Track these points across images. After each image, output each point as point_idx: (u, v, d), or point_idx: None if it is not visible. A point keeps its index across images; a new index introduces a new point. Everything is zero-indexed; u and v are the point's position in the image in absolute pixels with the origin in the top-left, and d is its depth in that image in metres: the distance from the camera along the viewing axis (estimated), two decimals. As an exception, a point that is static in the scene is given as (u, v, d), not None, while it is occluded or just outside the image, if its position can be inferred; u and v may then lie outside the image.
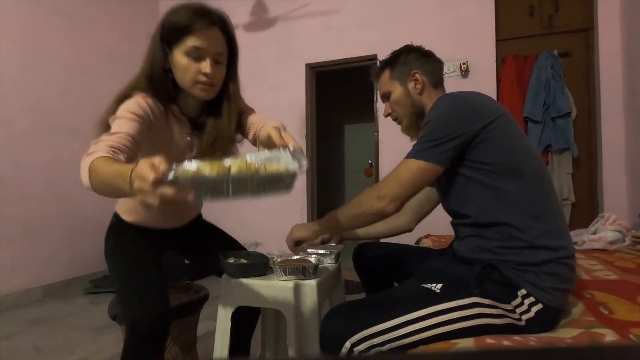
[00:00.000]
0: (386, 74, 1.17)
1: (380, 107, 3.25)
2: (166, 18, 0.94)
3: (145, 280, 1.07)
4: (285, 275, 1.08)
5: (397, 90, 1.14)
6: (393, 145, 3.16)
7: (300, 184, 3.47)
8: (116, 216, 1.21)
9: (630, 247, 1.63)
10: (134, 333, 1.01)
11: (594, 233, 1.77)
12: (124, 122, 0.87)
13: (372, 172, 4.49)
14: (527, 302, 0.85)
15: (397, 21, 3.19)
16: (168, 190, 0.60)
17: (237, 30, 3.49)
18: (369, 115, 3.85)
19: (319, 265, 1.15)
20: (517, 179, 0.90)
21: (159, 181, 0.60)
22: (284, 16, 3.55)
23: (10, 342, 1.99)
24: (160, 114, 0.97)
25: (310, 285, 1.08)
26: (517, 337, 0.82)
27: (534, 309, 0.84)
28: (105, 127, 0.93)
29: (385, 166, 3.21)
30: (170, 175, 0.62)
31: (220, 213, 2.38)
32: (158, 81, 0.95)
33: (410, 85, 1.12)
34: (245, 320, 1.37)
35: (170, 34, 0.92)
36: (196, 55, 0.93)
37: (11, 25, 2.66)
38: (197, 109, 1.05)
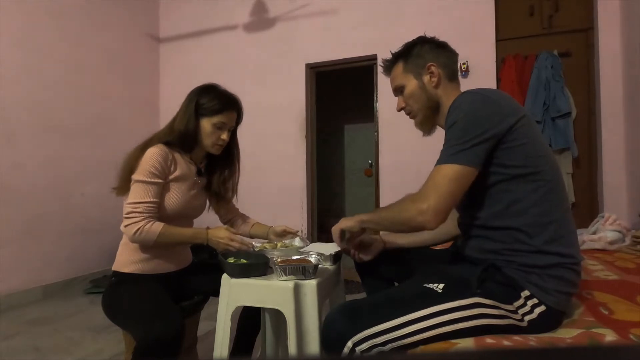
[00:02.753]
0: (399, 67, 1.12)
1: (381, 107, 3.25)
2: (204, 96, 1.30)
3: (158, 301, 1.15)
4: (285, 275, 1.08)
5: (411, 84, 1.10)
6: (393, 145, 3.16)
7: (300, 183, 3.47)
8: (115, 275, 1.29)
9: (630, 247, 1.63)
10: (151, 351, 1.02)
11: (594, 233, 1.77)
12: (147, 189, 1.20)
13: (372, 172, 4.50)
14: (530, 303, 0.84)
15: (397, 21, 3.19)
16: (236, 244, 1.22)
17: (237, 30, 3.53)
18: (369, 115, 3.85)
19: (319, 265, 1.15)
20: (532, 183, 0.88)
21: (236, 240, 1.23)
22: (284, 16, 3.55)
23: (10, 342, 1.99)
24: (178, 161, 1.30)
25: (310, 285, 1.08)
26: (517, 337, 0.82)
27: (537, 311, 0.84)
28: (128, 172, 1.23)
29: (385, 166, 3.21)
30: (257, 247, 1.31)
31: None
32: (188, 138, 1.29)
33: (426, 78, 1.08)
34: (250, 320, 1.38)
35: (205, 110, 1.29)
36: (219, 126, 1.31)
37: (11, 25, 2.66)
38: (202, 158, 1.42)
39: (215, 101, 1.29)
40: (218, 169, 1.44)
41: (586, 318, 0.90)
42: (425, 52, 1.09)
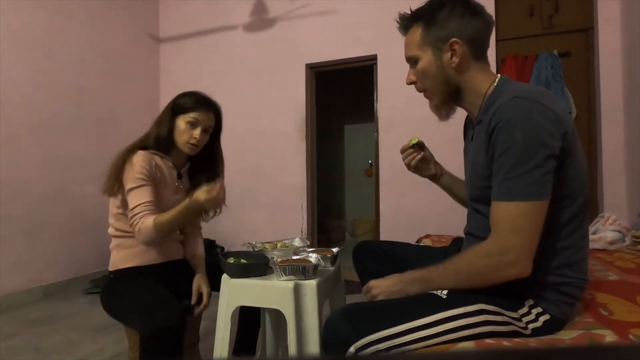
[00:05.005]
0: (417, 33, 0.92)
1: (381, 107, 3.25)
2: (181, 98, 1.34)
3: (157, 293, 1.17)
4: (285, 275, 1.08)
5: (427, 59, 0.92)
6: (393, 145, 3.16)
7: (300, 183, 3.47)
8: (112, 273, 1.32)
9: (630, 247, 1.63)
10: (155, 341, 1.04)
11: (594, 233, 1.77)
12: (141, 192, 1.23)
13: (372, 172, 4.50)
14: (534, 311, 0.84)
15: (397, 21, 3.18)
16: (221, 194, 1.19)
17: (237, 30, 3.55)
18: (369, 115, 3.85)
19: (319, 266, 1.15)
20: (559, 207, 0.80)
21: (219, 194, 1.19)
22: (284, 16, 3.55)
23: (10, 342, 1.99)
24: (160, 166, 1.33)
25: (310, 285, 1.08)
26: (517, 339, 0.82)
27: (542, 319, 0.83)
28: (115, 174, 1.28)
29: (385, 166, 3.21)
30: (257, 247, 1.33)
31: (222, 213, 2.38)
32: (163, 138, 1.32)
33: (446, 57, 0.90)
34: (250, 320, 1.39)
35: (180, 108, 1.32)
36: (193, 123, 1.32)
37: (11, 25, 2.66)
38: (182, 162, 1.43)
39: (191, 100, 1.33)
40: (203, 179, 1.39)
41: (586, 319, 0.89)
42: (453, 21, 0.88)
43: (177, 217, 1.21)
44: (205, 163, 1.45)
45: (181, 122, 1.32)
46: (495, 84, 0.90)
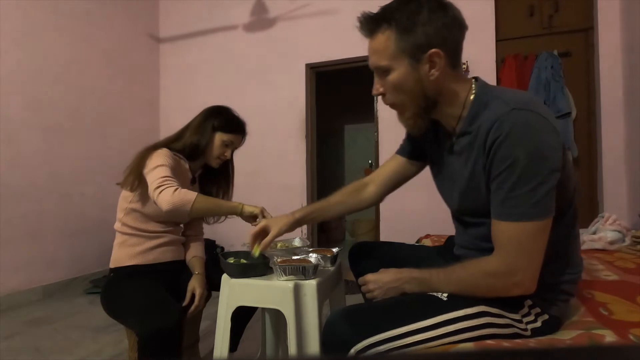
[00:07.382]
0: (389, 40, 0.79)
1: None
2: (222, 114, 1.43)
3: (156, 294, 1.18)
4: (285, 275, 1.08)
5: (402, 70, 0.80)
6: (393, 145, 3.16)
7: (300, 183, 3.47)
8: (112, 271, 1.34)
9: (630, 247, 1.63)
10: (153, 343, 1.04)
11: (594, 233, 1.77)
12: (169, 170, 1.26)
13: (372, 172, 4.51)
14: (534, 312, 0.83)
15: (397, 21, 3.18)
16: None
17: (237, 30, 3.53)
18: (369, 115, 3.85)
19: (319, 266, 1.15)
20: (558, 215, 0.78)
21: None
22: (284, 16, 3.55)
23: (10, 342, 1.99)
24: (180, 167, 1.37)
25: (310, 285, 1.07)
26: (517, 340, 0.81)
27: (541, 319, 0.83)
28: (136, 168, 1.29)
29: (385, 166, 3.20)
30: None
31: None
32: (199, 149, 1.39)
33: (424, 69, 0.79)
34: (241, 319, 1.39)
35: (221, 126, 1.41)
36: (227, 144, 1.42)
37: (11, 25, 2.66)
38: (198, 169, 1.51)
39: (232, 121, 1.43)
40: (215, 184, 1.55)
41: (586, 319, 0.90)
42: (433, 26, 0.77)
43: (219, 206, 1.33)
44: (221, 172, 1.53)
45: (218, 139, 1.41)
46: (474, 91, 0.85)
